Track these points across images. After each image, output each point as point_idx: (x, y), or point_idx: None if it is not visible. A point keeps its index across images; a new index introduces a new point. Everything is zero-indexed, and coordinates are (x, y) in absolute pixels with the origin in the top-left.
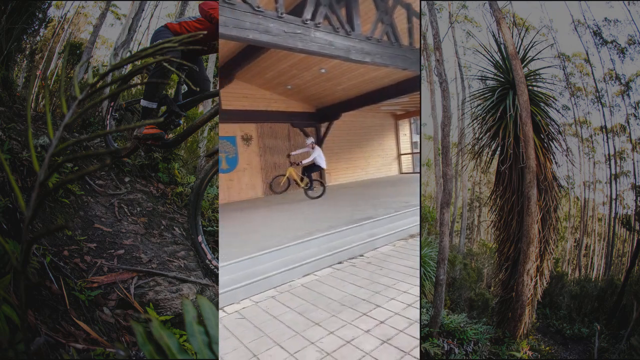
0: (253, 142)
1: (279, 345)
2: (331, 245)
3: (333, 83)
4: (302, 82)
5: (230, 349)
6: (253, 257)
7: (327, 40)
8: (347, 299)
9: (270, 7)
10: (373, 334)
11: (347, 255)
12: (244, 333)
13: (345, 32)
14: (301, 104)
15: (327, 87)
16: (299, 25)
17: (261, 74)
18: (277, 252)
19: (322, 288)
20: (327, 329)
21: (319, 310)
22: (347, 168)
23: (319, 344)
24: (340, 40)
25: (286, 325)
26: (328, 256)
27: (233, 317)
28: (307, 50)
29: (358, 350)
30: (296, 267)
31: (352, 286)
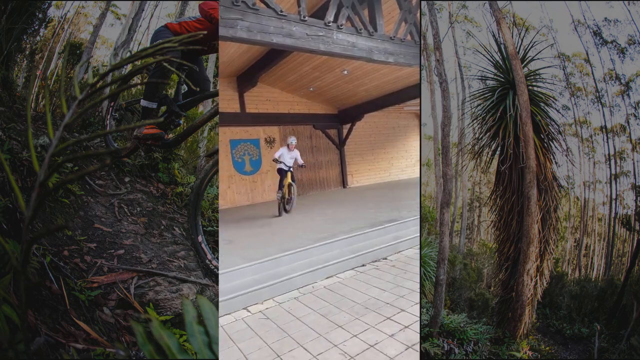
0: (276, 144)
1: (302, 347)
2: (354, 247)
3: (355, 84)
4: (324, 84)
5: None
6: (276, 258)
7: (349, 41)
8: (371, 302)
9: (293, 10)
10: (397, 338)
11: (370, 258)
12: (268, 333)
13: (368, 32)
14: (323, 106)
15: (349, 89)
16: (322, 27)
17: (284, 77)
18: (300, 254)
19: (345, 290)
20: (350, 332)
21: (342, 313)
22: (370, 170)
23: (342, 347)
24: (362, 41)
25: (309, 326)
26: (351, 258)
27: (257, 317)
28: (329, 52)
29: (382, 354)
30: (319, 269)
31: (376, 289)
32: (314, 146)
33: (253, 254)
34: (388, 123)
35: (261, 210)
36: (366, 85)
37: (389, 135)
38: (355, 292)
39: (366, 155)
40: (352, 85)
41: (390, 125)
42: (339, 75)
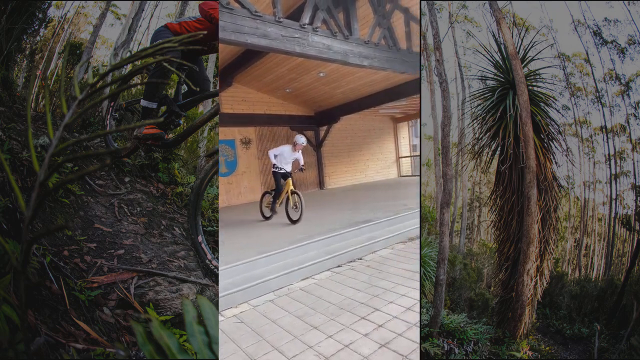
0: (252, 145)
1: (277, 350)
2: (330, 248)
3: (332, 87)
4: (301, 85)
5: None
6: (251, 261)
7: (325, 44)
8: (346, 303)
9: (268, 11)
10: (371, 337)
11: (346, 259)
12: (242, 337)
13: (343, 36)
14: (300, 108)
15: (326, 91)
16: (297, 29)
17: (260, 77)
18: (275, 256)
19: (321, 292)
20: (326, 333)
21: (318, 314)
22: (347, 171)
23: (317, 348)
24: (338, 44)
25: (284, 329)
26: (327, 259)
27: (231, 321)
28: (305, 55)
29: (356, 354)
30: (295, 271)
31: (351, 290)
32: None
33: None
34: (364, 125)
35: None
36: (343, 88)
37: (365, 138)
38: (331, 292)
39: (343, 157)
40: (329, 87)
41: (366, 128)
42: (315, 77)
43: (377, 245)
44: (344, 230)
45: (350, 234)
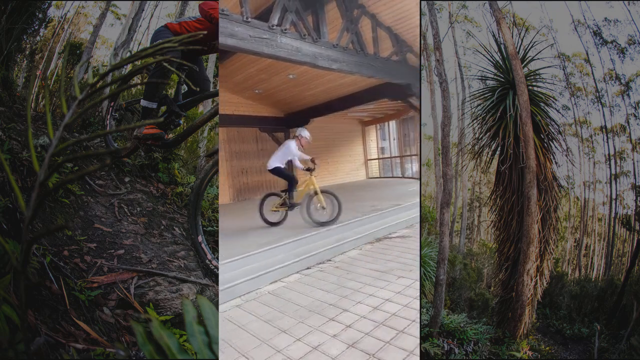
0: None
1: (245, 356)
2: (299, 250)
3: (302, 89)
4: (270, 86)
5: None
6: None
7: (294, 46)
8: (315, 305)
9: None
10: (340, 338)
11: (315, 261)
12: None
13: (312, 39)
14: (270, 109)
15: (297, 93)
16: (266, 30)
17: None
18: (243, 260)
19: (290, 295)
20: (294, 336)
21: (287, 318)
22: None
23: (285, 352)
24: (307, 47)
25: (252, 334)
26: (296, 262)
27: None
28: (274, 56)
29: (324, 356)
30: (263, 275)
31: (320, 291)
32: (261, 149)
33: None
34: (334, 128)
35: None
36: (313, 90)
37: (335, 140)
38: (300, 295)
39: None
40: (299, 89)
41: (335, 130)
42: (285, 79)
43: (345, 247)
44: (313, 232)
45: (319, 236)
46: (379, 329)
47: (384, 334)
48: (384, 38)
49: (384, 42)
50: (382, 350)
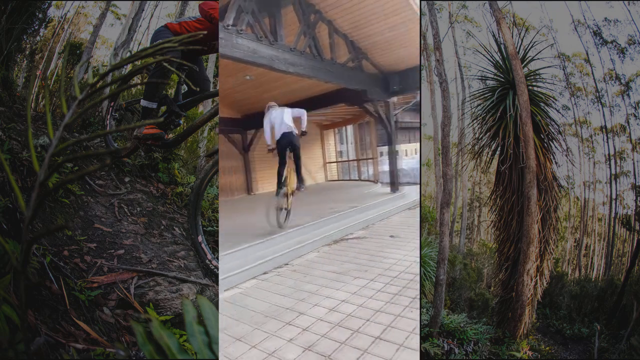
0: None
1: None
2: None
3: (259, 90)
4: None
5: None
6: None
7: (250, 47)
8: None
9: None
10: (296, 342)
11: (273, 265)
12: None
13: (269, 41)
14: (225, 110)
15: (254, 95)
16: (221, 30)
17: None
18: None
19: (247, 301)
20: (250, 344)
21: (242, 325)
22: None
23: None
24: (264, 49)
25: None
26: (254, 267)
27: None
28: (229, 56)
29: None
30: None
31: (277, 296)
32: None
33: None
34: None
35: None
36: (271, 92)
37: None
38: (257, 300)
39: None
40: (256, 91)
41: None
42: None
43: (304, 249)
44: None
45: (278, 239)
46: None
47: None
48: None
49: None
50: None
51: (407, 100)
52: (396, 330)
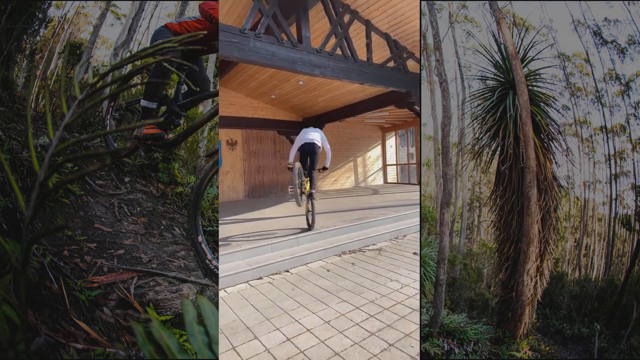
0: (238, 147)
1: None
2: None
3: (313, 95)
4: (283, 92)
5: None
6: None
7: (269, 50)
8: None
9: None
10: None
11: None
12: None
13: (292, 43)
14: (287, 113)
15: (309, 99)
16: (236, 34)
17: (245, 83)
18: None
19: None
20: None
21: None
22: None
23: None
24: (284, 52)
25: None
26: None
27: None
28: (245, 60)
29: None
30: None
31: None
32: (278, 151)
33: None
34: (352, 133)
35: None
36: (324, 96)
37: (353, 145)
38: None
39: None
40: (310, 95)
41: (353, 135)
42: (296, 85)
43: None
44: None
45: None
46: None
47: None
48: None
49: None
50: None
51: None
52: None
